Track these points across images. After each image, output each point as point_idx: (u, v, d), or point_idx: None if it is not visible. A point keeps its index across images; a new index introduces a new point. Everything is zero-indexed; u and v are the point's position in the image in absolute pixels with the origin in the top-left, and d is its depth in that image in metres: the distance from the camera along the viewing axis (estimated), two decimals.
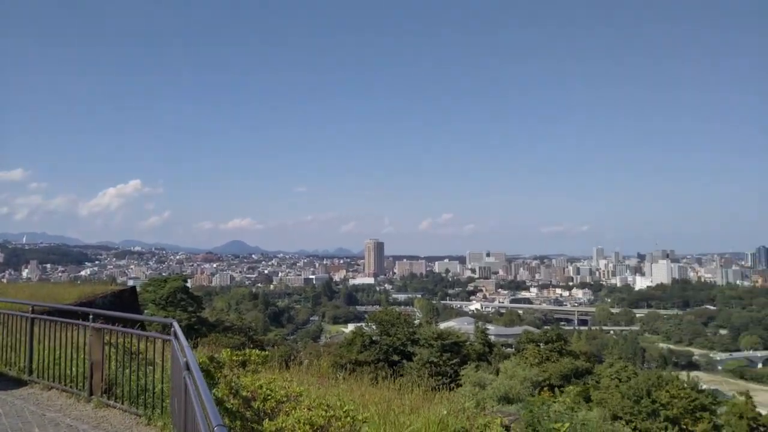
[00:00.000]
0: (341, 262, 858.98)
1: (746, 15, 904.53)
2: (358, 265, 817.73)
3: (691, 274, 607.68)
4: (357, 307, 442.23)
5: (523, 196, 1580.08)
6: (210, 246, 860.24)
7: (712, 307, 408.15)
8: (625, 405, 50.91)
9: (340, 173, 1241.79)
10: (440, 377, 42.46)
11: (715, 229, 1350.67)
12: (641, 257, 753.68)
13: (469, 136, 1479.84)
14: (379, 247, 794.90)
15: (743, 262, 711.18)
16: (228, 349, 12.72)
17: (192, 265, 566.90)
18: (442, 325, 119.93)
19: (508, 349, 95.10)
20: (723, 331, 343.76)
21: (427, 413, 12.26)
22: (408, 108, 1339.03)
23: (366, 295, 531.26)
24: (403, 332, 53.18)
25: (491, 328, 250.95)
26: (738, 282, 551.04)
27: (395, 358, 51.06)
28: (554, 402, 17.04)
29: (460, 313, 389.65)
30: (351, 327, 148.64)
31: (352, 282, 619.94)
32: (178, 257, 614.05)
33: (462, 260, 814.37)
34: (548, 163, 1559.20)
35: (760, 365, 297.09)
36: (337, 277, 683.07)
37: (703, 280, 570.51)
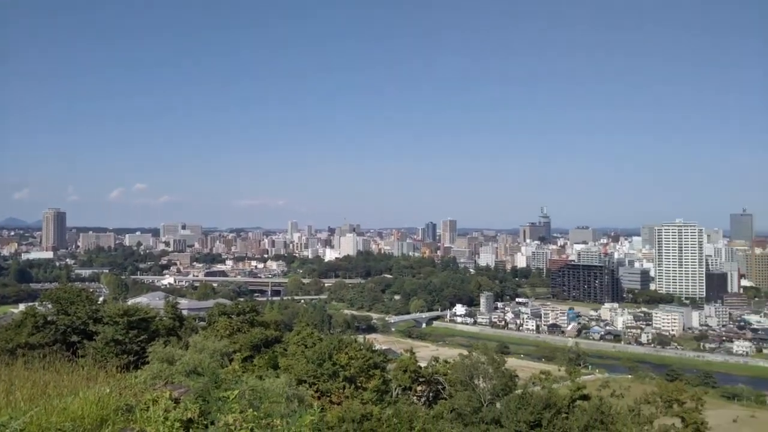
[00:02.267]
0: (11, 234, 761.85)
1: None
2: (34, 237, 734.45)
3: (373, 247, 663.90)
4: (31, 284, 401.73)
5: (219, 169, 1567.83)
6: None
7: (389, 276, 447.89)
8: (309, 369, 52.91)
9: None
10: (126, 355, 37.44)
11: (394, 207, 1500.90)
12: (331, 231, 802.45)
13: (159, 101, 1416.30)
14: (60, 217, 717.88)
15: (415, 236, 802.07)
16: None
17: None
18: (131, 301, 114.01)
19: (201, 323, 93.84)
20: (397, 297, 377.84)
21: (86, 393, 11.55)
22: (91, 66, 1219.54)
23: (43, 271, 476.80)
24: (85, 310, 45.49)
25: (184, 302, 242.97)
26: (411, 253, 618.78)
27: (75, 338, 43.47)
28: (243, 372, 17.88)
29: (151, 288, 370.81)
30: (22, 307, 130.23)
31: (25, 257, 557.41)
32: None
33: (156, 233, 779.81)
34: (245, 138, 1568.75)
35: (424, 325, 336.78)
36: (6, 252, 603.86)
37: (383, 251, 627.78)
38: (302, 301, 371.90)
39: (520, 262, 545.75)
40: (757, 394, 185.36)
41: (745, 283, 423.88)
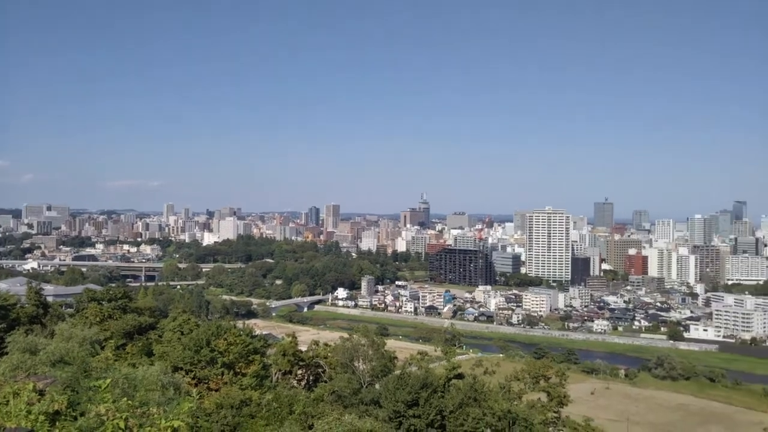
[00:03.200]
0: None
1: None
2: None
3: (255, 231, 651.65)
4: None
5: (88, 146, 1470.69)
6: None
7: (270, 260, 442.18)
8: (186, 356, 52.11)
9: None
10: None
11: (277, 190, 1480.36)
12: (210, 214, 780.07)
13: (19, 68, 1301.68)
14: None
15: (298, 220, 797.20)
16: None
17: None
18: None
19: (68, 310, 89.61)
20: (279, 282, 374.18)
21: None
22: None
23: None
24: None
25: (49, 288, 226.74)
26: (293, 237, 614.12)
27: None
28: (115, 360, 15.08)
29: (12, 273, 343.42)
30: None
31: None
32: None
33: (17, 214, 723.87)
34: (116, 114, 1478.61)
35: (305, 309, 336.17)
36: None
37: (264, 236, 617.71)
38: (178, 286, 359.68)
39: (401, 246, 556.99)
40: (612, 368, 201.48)
41: (605, 266, 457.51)
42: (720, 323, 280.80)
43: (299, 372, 64.24)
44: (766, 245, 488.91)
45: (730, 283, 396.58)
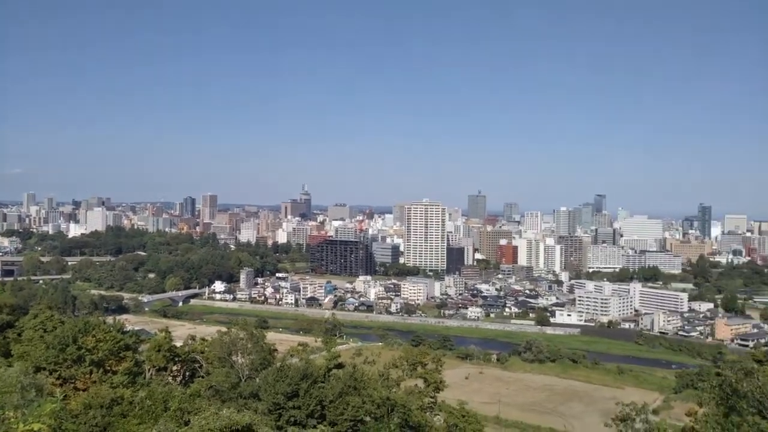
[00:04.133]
0: None
1: None
2: None
3: (125, 222, 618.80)
4: None
5: None
6: None
7: (143, 253, 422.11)
8: (49, 355, 49.54)
9: None
10: None
11: (149, 180, 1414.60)
12: (77, 204, 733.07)
13: None
14: None
15: (173, 211, 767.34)
16: None
17: None
18: None
19: None
20: (152, 275, 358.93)
21: None
22: None
23: None
24: None
25: None
26: (167, 229, 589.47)
27: None
28: None
29: None
30: None
31: None
32: None
33: None
34: None
35: (181, 303, 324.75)
36: None
37: (136, 227, 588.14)
38: (41, 281, 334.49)
39: (281, 237, 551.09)
40: (485, 353, 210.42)
41: (478, 256, 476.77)
42: (582, 308, 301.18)
43: (175, 368, 62.12)
44: (622, 235, 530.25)
45: (591, 270, 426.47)
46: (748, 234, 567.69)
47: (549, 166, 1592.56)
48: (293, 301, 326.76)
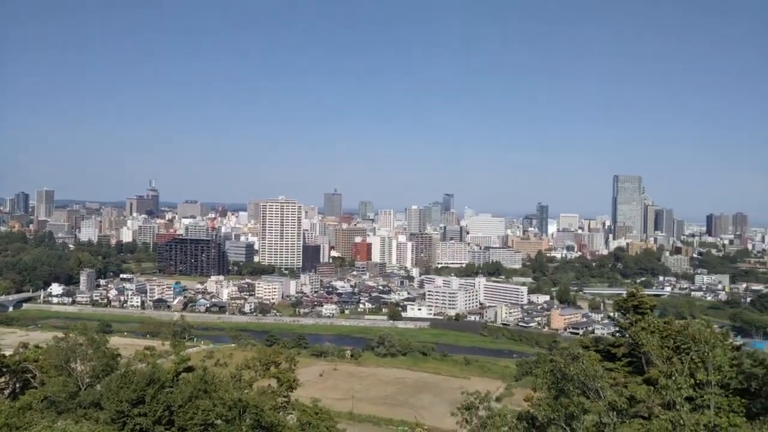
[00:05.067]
0: None
1: None
2: None
3: None
4: None
5: None
6: None
7: None
8: None
9: None
10: None
11: None
12: None
13: None
14: None
15: (2, 208, 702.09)
16: None
17: None
18: None
19: None
20: None
21: None
22: None
23: None
24: None
25: None
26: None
27: None
28: None
29: None
30: None
31: None
32: None
33: None
34: None
35: (11, 308, 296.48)
36: None
37: None
38: None
39: (126, 236, 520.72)
40: (339, 350, 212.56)
41: (334, 253, 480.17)
42: (432, 302, 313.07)
43: (2, 380, 56.94)
44: (468, 233, 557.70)
45: (440, 266, 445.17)
46: (580, 231, 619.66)
47: (402, 166, 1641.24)
48: (139, 304, 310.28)
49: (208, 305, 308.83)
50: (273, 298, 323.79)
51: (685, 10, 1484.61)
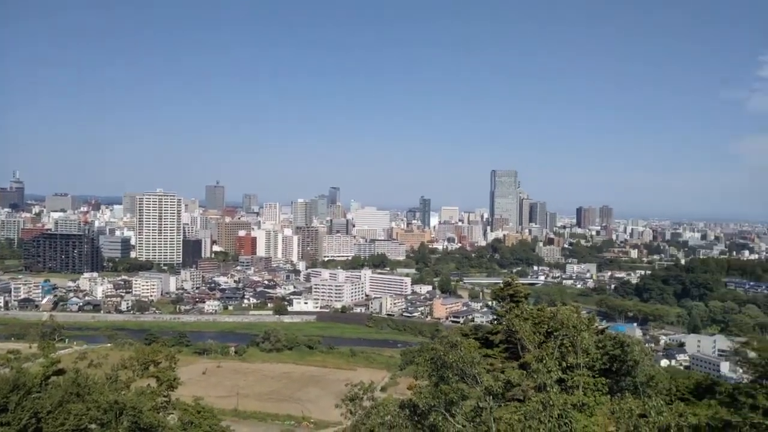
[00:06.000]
0: None
1: None
2: None
3: None
4: None
5: None
6: None
7: None
8: None
9: None
10: None
11: None
12: None
13: None
14: None
15: None
16: None
17: None
18: None
19: None
20: None
21: None
22: None
23: None
24: None
25: None
26: None
27: None
28: None
29: None
30: None
31: None
32: None
33: None
34: None
35: None
36: None
37: None
38: None
39: None
40: (222, 347, 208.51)
41: (217, 248, 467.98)
42: (318, 296, 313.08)
43: None
44: (354, 225, 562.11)
45: (326, 259, 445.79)
46: (460, 223, 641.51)
47: (287, 159, 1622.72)
48: (2, 304, 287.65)
49: (81, 304, 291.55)
50: (152, 295, 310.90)
51: (562, 15, 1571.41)
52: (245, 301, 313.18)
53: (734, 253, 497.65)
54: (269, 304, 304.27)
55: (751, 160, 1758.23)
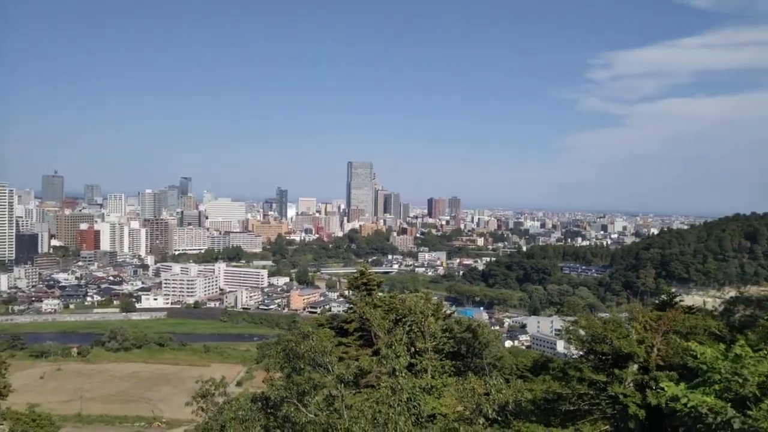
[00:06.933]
0: None
1: None
2: None
3: None
4: None
5: None
6: None
7: None
8: None
9: None
10: None
11: None
12: None
13: None
14: None
15: None
16: None
17: None
18: None
19: None
20: None
21: None
22: None
23: None
24: None
25: None
26: None
27: None
28: None
29: None
30: None
31: None
32: None
33: None
34: None
35: None
36: None
37: None
38: None
39: None
40: (63, 348, 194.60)
41: (55, 243, 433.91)
42: (169, 291, 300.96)
43: None
44: (207, 217, 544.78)
45: (177, 253, 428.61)
46: (317, 214, 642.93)
47: (133, 146, 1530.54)
48: None
49: None
50: None
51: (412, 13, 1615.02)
52: (88, 298, 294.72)
53: (569, 240, 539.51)
54: (115, 302, 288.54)
55: (582, 155, 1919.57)
